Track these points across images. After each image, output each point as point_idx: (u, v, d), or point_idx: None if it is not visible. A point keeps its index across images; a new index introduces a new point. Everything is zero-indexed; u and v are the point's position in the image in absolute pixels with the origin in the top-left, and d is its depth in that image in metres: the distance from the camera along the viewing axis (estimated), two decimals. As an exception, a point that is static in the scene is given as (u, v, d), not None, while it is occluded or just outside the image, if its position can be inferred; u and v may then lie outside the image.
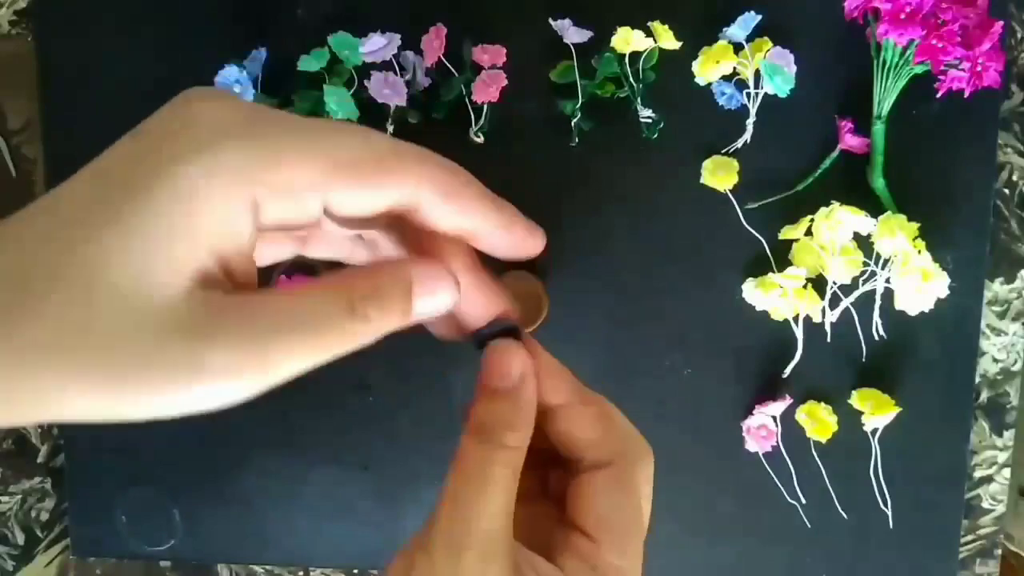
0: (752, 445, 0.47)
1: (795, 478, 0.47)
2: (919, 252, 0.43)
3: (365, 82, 0.46)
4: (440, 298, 0.26)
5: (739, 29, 0.44)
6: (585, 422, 0.29)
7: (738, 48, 0.44)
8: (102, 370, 0.21)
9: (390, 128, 0.46)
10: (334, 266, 0.27)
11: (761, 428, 0.46)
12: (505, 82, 0.45)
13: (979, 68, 0.40)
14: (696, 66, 0.45)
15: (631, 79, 0.45)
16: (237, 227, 0.22)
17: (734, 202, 0.46)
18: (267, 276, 0.42)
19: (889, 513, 0.47)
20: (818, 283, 0.45)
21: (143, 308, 0.21)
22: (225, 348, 0.21)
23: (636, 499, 0.29)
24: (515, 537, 0.26)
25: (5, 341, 0.20)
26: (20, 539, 0.54)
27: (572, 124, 0.46)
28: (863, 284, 0.44)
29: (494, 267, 0.28)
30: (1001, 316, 0.48)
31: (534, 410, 0.27)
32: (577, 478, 0.29)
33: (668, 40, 0.45)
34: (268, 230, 0.23)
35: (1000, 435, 0.49)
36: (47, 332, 0.20)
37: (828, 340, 0.46)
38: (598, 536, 0.28)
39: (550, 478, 0.32)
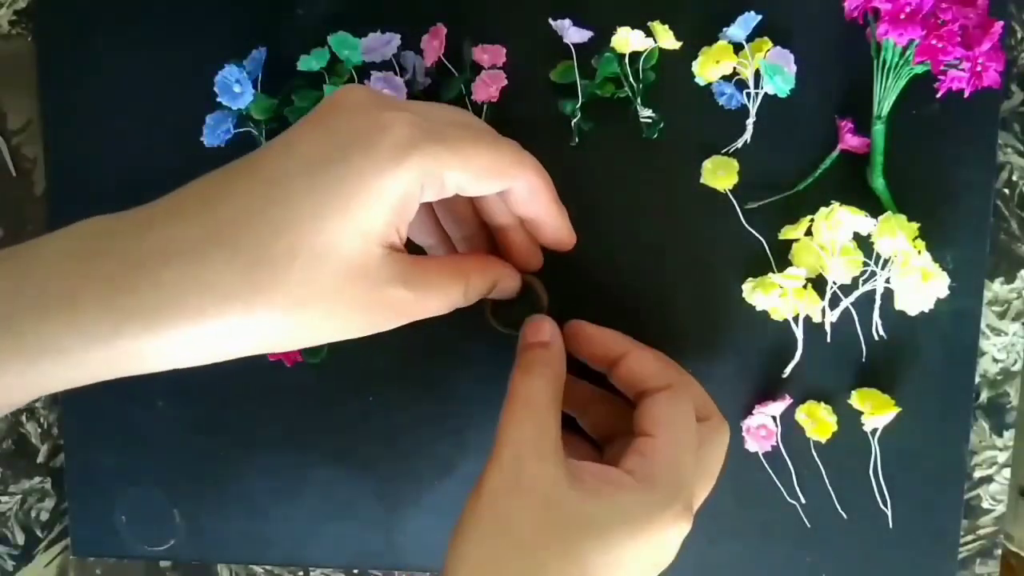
0: (752, 445, 0.47)
1: (795, 478, 0.47)
2: (919, 252, 0.43)
3: (365, 82, 0.46)
4: (508, 289, 0.40)
5: (739, 29, 0.44)
6: (646, 359, 0.40)
7: (738, 48, 0.44)
8: (335, 314, 0.31)
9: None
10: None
11: (761, 428, 0.46)
12: (505, 82, 0.45)
13: (979, 68, 0.40)
14: (696, 66, 0.45)
15: (631, 79, 0.45)
16: (412, 212, 0.32)
17: (734, 202, 0.46)
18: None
19: (889, 513, 0.47)
20: (818, 283, 0.45)
21: (362, 270, 0.31)
22: (404, 291, 0.32)
23: (690, 409, 0.38)
24: None
25: (261, 304, 0.29)
26: (20, 539, 0.54)
27: (572, 124, 0.46)
28: (863, 284, 0.44)
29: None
30: (1001, 316, 0.48)
31: (564, 357, 0.38)
32: (642, 401, 0.39)
33: (668, 40, 0.45)
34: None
35: (1000, 435, 0.49)
36: (291, 296, 0.30)
37: (828, 340, 0.46)
38: (656, 431, 0.36)
39: (604, 451, 0.42)
